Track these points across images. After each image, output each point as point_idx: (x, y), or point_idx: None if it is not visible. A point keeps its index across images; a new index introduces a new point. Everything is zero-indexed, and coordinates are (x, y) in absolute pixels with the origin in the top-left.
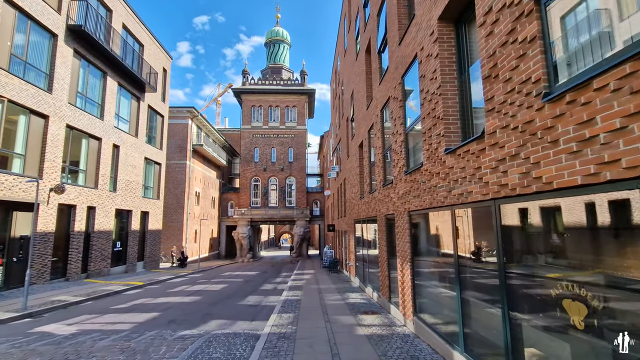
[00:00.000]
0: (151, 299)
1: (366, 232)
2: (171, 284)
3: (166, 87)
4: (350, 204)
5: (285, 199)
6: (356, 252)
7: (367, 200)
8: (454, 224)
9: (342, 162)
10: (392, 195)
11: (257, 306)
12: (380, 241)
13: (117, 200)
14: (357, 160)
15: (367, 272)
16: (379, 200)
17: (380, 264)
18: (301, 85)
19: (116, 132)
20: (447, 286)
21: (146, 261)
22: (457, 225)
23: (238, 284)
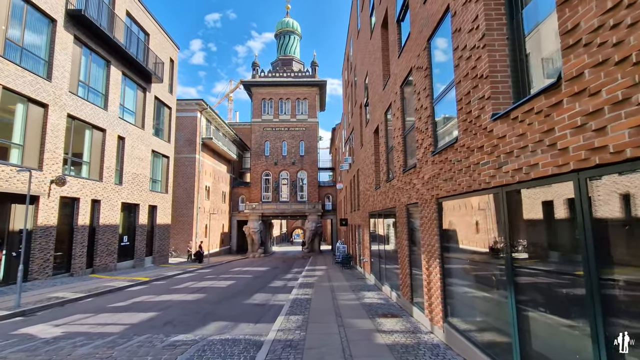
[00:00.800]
0: (153, 296)
1: (382, 226)
2: (178, 280)
3: (173, 78)
4: (365, 196)
5: (296, 193)
6: (371, 247)
7: (384, 190)
8: (504, 211)
9: (355, 152)
10: (415, 181)
11: (263, 305)
12: (400, 235)
13: (123, 193)
14: (372, 148)
15: (384, 269)
16: (398, 189)
17: (400, 261)
18: (312, 76)
19: (121, 123)
20: (493, 290)
21: (155, 256)
22: (509, 211)
23: (246, 281)
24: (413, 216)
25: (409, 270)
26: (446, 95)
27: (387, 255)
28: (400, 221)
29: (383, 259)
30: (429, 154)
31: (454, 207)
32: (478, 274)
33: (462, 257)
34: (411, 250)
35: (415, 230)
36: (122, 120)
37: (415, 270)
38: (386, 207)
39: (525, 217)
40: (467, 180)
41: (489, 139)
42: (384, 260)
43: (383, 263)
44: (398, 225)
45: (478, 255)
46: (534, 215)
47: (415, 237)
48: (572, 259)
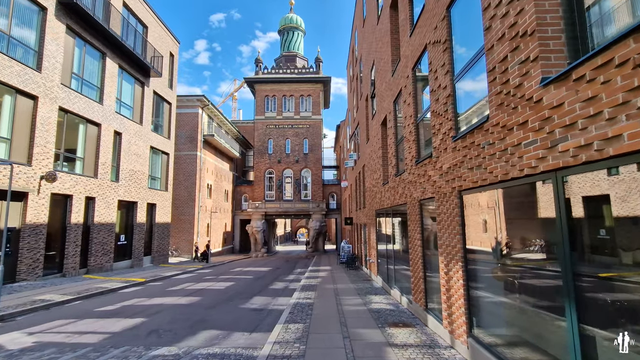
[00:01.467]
0: (145, 299)
1: (391, 224)
2: (175, 281)
3: (173, 73)
4: (371, 193)
5: (300, 192)
6: (378, 247)
7: (393, 186)
8: (559, 202)
9: (360, 148)
10: (431, 172)
11: (262, 311)
12: (412, 234)
13: (120, 190)
14: (379, 141)
15: (393, 270)
16: (410, 183)
17: (412, 263)
18: (316, 73)
19: (118, 118)
20: (540, 302)
21: (154, 256)
22: (567, 202)
23: (246, 282)
24: (428, 213)
25: (422, 274)
26: (471, 69)
27: (396, 256)
28: (412, 218)
29: (391, 260)
30: (449, 139)
31: (481, 200)
32: (516, 281)
33: (493, 260)
34: (425, 251)
35: (431, 228)
36: (118, 115)
37: (430, 274)
38: (395, 204)
39: (593, 208)
40: (502, 167)
41: (536, 111)
42: (392, 262)
43: (391, 264)
44: (410, 223)
45: (517, 259)
46: (612, 207)
47: (430, 236)
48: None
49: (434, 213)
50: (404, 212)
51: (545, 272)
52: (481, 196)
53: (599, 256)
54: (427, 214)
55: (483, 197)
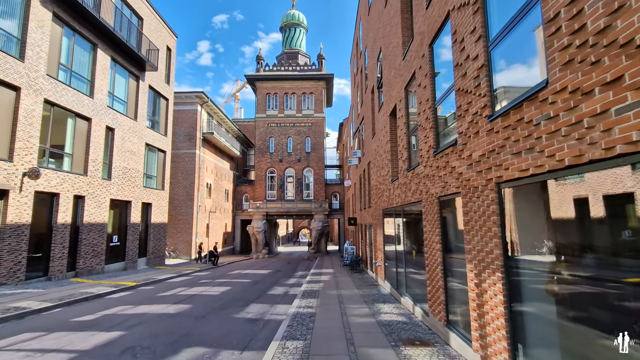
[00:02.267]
0: (130, 306)
1: (401, 224)
2: (168, 285)
3: (171, 68)
4: (377, 191)
5: (302, 192)
6: (385, 249)
7: (404, 182)
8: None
9: (365, 144)
10: (456, 163)
11: (257, 321)
12: (428, 236)
13: (112, 189)
14: (388, 134)
15: (404, 276)
16: (427, 177)
17: (429, 269)
18: (318, 70)
19: (110, 112)
20: (622, 331)
21: (149, 257)
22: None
23: (244, 286)
24: (449, 211)
25: (442, 282)
26: (515, 28)
27: (407, 260)
28: (429, 218)
29: (402, 264)
30: (483, 120)
31: (529, 194)
32: (588, 301)
33: (554, 271)
34: (446, 256)
35: (453, 230)
36: (111, 109)
37: (453, 283)
38: (407, 202)
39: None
40: (572, 146)
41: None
42: (403, 266)
43: (402, 269)
44: (425, 223)
45: (589, 271)
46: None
47: (452, 238)
48: None
49: (457, 212)
50: (417, 211)
51: (628, 288)
52: (528, 189)
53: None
54: (449, 213)
55: (535, 188)
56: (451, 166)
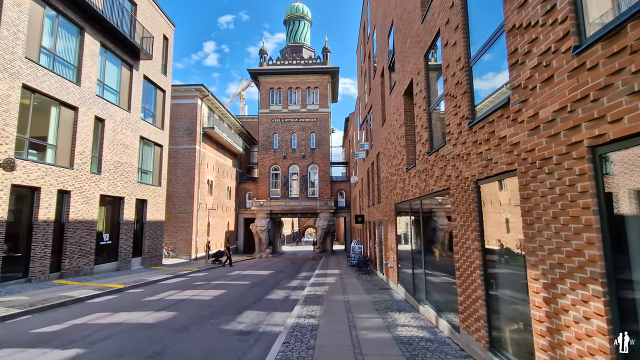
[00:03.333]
0: (108, 314)
1: (420, 219)
2: (158, 288)
3: (168, 59)
4: (388, 184)
5: (307, 189)
6: (398, 249)
7: (424, 168)
8: None
9: (373, 135)
10: (507, 130)
11: (249, 335)
12: (461, 231)
13: (102, 184)
14: (402, 116)
15: (423, 280)
16: (458, 157)
17: (461, 273)
18: (323, 63)
19: (100, 102)
20: None
21: (145, 257)
22: None
23: (240, 290)
24: (493, 198)
25: (481, 292)
26: None
27: (428, 262)
28: (461, 209)
29: (420, 265)
30: (563, 57)
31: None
32: None
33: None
34: (489, 257)
35: (498, 222)
36: (100, 99)
37: (501, 294)
38: (428, 192)
39: None
40: None
41: None
42: (421, 268)
43: (420, 271)
44: (456, 215)
45: None
46: None
47: (498, 234)
48: None
49: (507, 198)
50: (441, 202)
51: None
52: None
53: None
54: (492, 201)
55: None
56: (498, 136)
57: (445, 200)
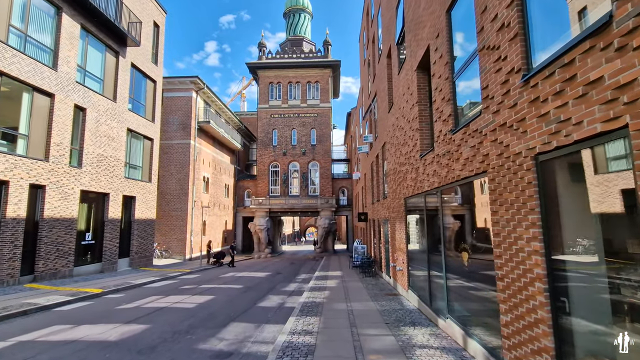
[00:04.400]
0: (67, 327)
1: (438, 213)
2: (140, 293)
3: (159, 47)
4: (396, 177)
5: (307, 187)
6: (409, 249)
7: (445, 151)
8: None
9: (378, 125)
10: (618, 63)
11: (228, 358)
12: (507, 227)
13: (83, 178)
14: (415, 94)
15: (444, 288)
16: (502, 129)
17: (507, 285)
18: (324, 57)
19: (80, 89)
20: None
21: (133, 258)
22: None
23: (231, 295)
24: (565, 181)
25: (546, 314)
26: None
27: (451, 265)
28: (507, 198)
29: (440, 270)
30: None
31: None
32: None
33: None
34: (557, 263)
35: (577, 213)
36: (81, 86)
37: (584, 318)
38: (452, 180)
39: None
40: None
41: None
42: (442, 273)
43: (440, 276)
44: (498, 206)
45: None
46: None
47: (576, 230)
48: None
49: (597, 179)
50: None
51: None
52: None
53: None
54: (567, 183)
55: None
56: (586, 81)
57: (474, 188)
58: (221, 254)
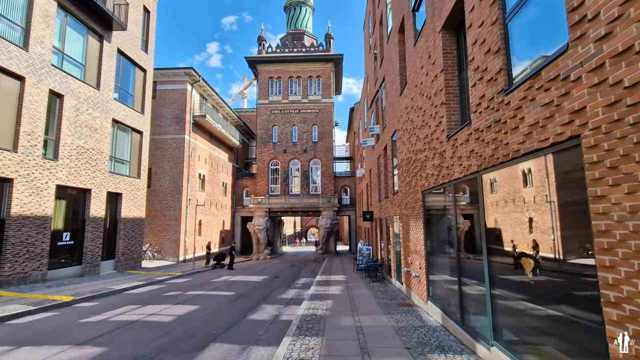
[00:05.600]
0: (4, 349)
1: (480, 206)
2: (116, 301)
3: (149, 34)
4: (412, 167)
5: (308, 185)
6: (429, 252)
7: (495, 120)
8: None
9: (387, 112)
10: None
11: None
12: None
13: (60, 172)
14: (440, 62)
15: (487, 304)
16: (630, 61)
17: (625, 318)
18: (326, 51)
19: (57, 74)
20: None
21: (119, 260)
22: None
23: (218, 305)
24: None
25: None
26: None
27: (496, 276)
28: None
29: (482, 280)
30: None
31: None
32: None
33: None
34: None
35: None
36: (58, 70)
37: None
38: (503, 158)
39: None
40: None
41: None
42: (480, 282)
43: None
44: (611, 182)
45: None
46: None
47: None
48: None
49: None
50: (533, 173)
51: None
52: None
53: None
54: None
55: None
56: None
57: (546, 168)
58: (222, 255)
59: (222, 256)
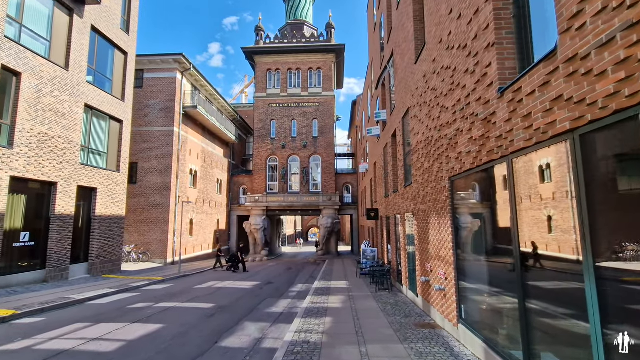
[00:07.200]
0: None
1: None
2: (68, 316)
3: (131, 12)
4: (433, 150)
5: (308, 183)
6: (460, 259)
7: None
8: None
9: (396, 92)
10: None
11: None
12: None
13: (15, 162)
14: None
15: (595, 343)
16: None
17: None
18: (327, 41)
19: (12, 47)
20: None
21: (93, 263)
22: None
23: (187, 324)
24: None
25: None
26: None
27: (607, 301)
28: None
29: (590, 308)
30: None
31: None
32: None
33: None
34: None
35: None
36: (14, 43)
37: None
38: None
39: None
40: None
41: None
42: (590, 313)
43: (578, 323)
44: None
45: None
46: None
47: None
48: None
49: None
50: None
51: None
52: None
53: None
54: None
55: None
56: None
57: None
58: (235, 257)
59: (237, 259)
